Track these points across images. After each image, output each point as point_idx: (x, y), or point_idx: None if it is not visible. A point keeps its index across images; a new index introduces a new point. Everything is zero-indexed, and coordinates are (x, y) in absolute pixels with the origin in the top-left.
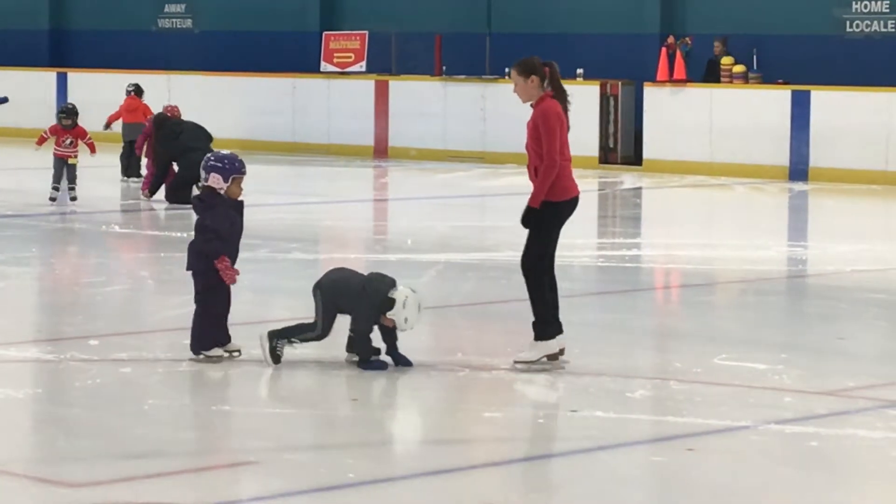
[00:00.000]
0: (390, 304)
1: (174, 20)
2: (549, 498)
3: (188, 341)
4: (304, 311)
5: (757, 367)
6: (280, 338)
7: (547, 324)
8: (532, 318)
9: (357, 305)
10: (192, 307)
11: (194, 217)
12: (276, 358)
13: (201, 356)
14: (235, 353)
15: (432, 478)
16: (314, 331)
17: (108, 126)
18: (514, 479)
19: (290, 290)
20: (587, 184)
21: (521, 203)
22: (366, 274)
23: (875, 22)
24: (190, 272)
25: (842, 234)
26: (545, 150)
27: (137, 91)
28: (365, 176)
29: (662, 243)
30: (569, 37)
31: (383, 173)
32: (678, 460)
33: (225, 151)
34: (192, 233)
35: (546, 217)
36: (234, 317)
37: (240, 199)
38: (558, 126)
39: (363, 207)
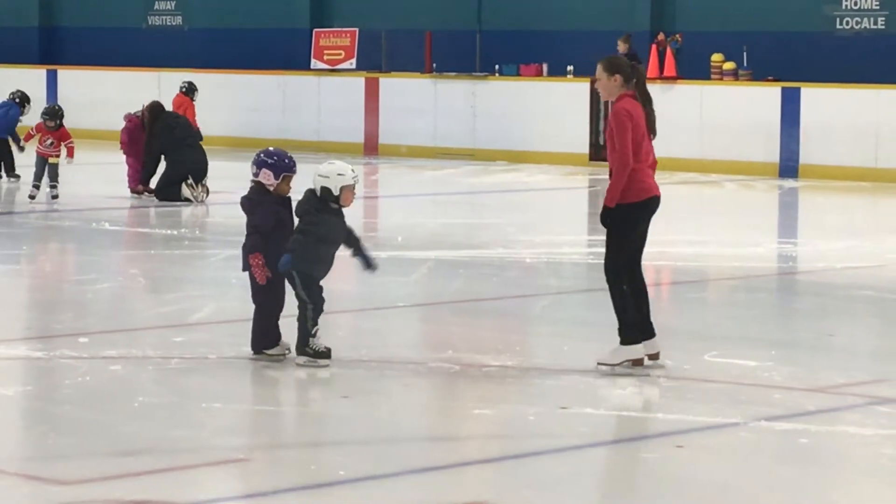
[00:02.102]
0: (325, 191)
1: (164, 17)
2: (540, 495)
3: (180, 339)
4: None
5: (747, 363)
6: (304, 344)
7: (630, 327)
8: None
9: (299, 235)
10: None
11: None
12: (323, 355)
13: (263, 355)
14: (287, 352)
15: (423, 475)
16: (306, 304)
17: None
18: (506, 476)
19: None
20: (577, 181)
21: (517, 200)
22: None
23: (865, 19)
24: (246, 273)
25: (832, 230)
26: (617, 149)
27: (188, 90)
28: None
29: (652, 240)
30: (559, 34)
31: (373, 170)
32: (668, 457)
33: (275, 148)
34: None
35: (622, 219)
36: (231, 315)
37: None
38: (630, 125)
39: (353, 204)
